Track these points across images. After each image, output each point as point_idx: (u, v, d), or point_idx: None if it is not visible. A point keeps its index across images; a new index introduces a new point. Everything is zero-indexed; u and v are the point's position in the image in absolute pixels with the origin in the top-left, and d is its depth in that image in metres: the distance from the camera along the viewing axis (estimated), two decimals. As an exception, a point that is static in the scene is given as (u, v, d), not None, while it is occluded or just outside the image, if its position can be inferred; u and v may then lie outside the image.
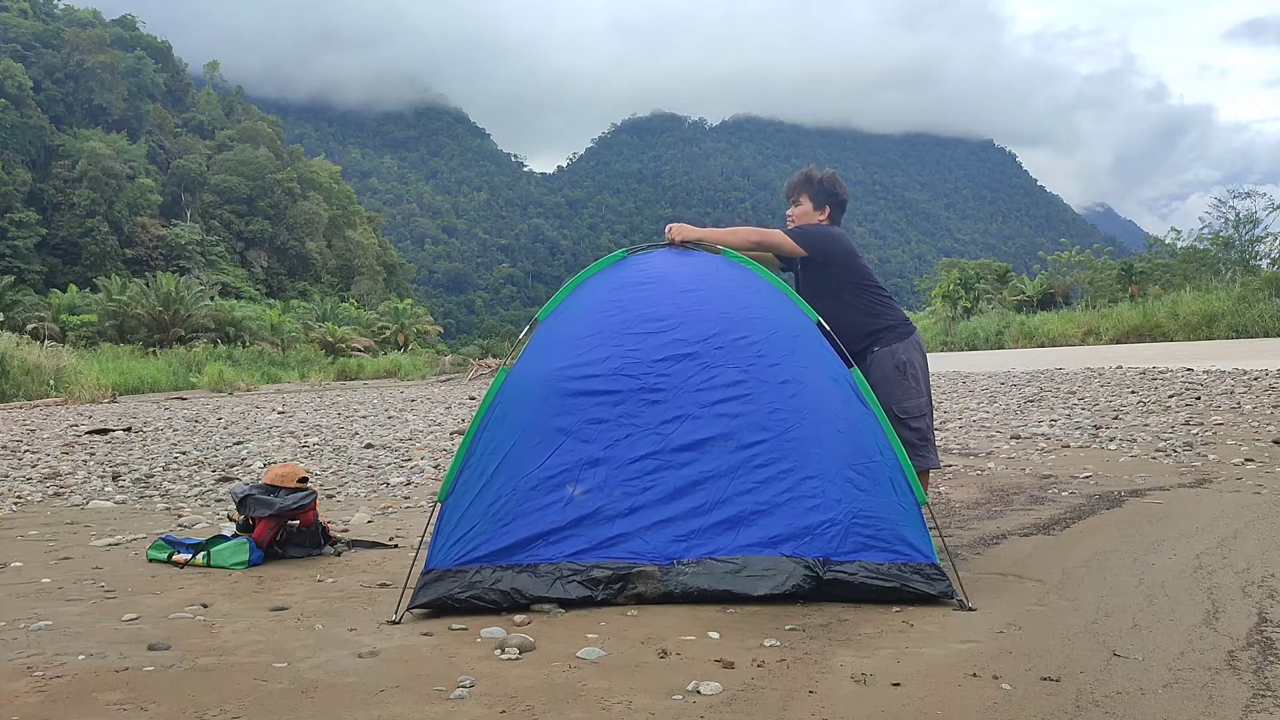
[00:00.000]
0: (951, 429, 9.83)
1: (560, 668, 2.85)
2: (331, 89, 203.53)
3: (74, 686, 2.71)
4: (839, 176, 4.45)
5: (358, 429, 12.61)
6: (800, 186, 4.42)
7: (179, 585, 4.08)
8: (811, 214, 4.38)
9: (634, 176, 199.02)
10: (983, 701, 2.52)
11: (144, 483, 7.89)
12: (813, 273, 4.32)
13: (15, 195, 55.89)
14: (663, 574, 3.51)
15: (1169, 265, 40.06)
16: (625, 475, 3.63)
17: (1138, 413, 10.20)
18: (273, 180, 70.21)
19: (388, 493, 7.02)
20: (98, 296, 45.86)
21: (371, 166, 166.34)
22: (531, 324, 4.00)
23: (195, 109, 79.18)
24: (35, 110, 61.56)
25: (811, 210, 4.38)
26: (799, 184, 4.43)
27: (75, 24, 70.49)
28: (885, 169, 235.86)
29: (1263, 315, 30.33)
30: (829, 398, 3.73)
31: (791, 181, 4.47)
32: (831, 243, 4.29)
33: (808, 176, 4.42)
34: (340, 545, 4.80)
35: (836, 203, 4.41)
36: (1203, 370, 15.05)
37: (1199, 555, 4.10)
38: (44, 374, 24.11)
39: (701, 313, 3.93)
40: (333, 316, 56.91)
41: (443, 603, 3.45)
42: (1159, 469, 6.70)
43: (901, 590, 3.46)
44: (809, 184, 4.41)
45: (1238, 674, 2.67)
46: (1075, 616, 3.27)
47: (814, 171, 4.42)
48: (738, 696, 2.60)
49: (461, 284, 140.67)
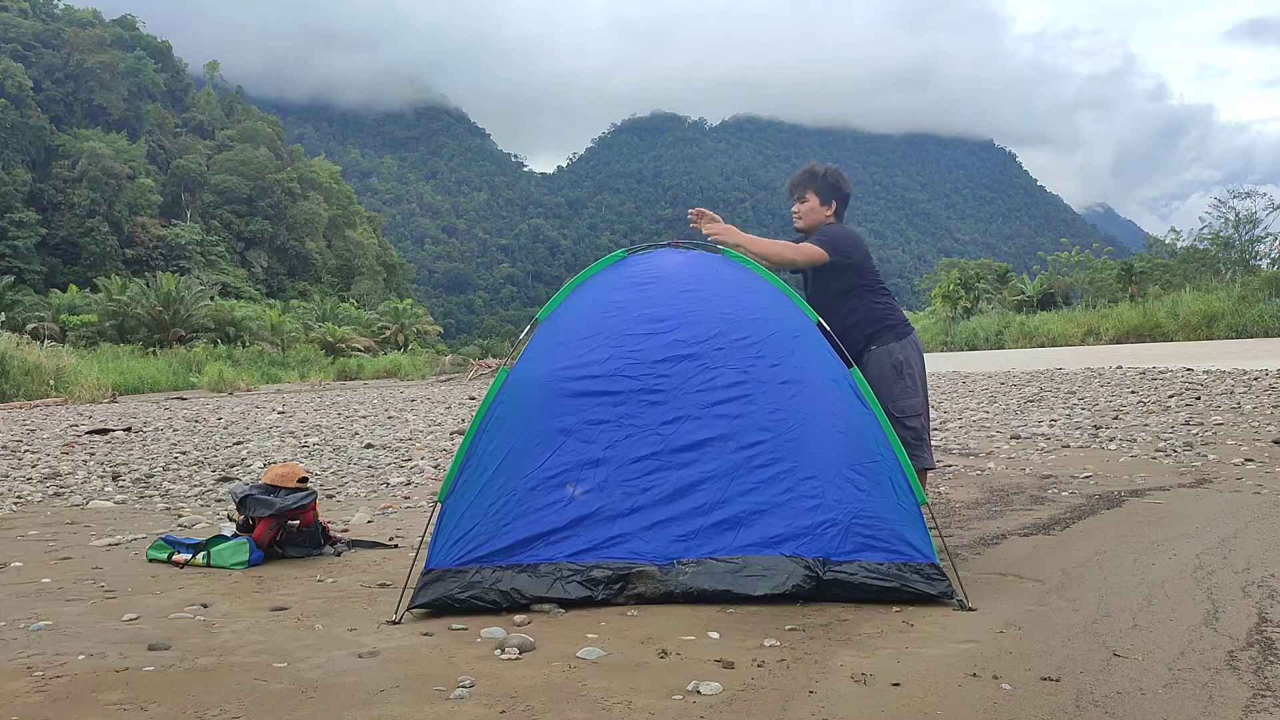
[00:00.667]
0: (951, 429, 9.83)
1: (560, 668, 2.85)
2: (331, 89, 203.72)
3: (74, 686, 2.71)
4: (842, 171, 4.40)
5: (358, 429, 12.61)
6: (805, 183, 4.35)
7: (179, 585, 4.08)
8: (818, 210, 4.31)
9: (634, 176, 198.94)
10: (983, 701, 2.52)
11: (144, 483, 7.89)
12: (826, 274, 4.27)
13: (15, 195, 55.91)
14: (663, 574, 3.51)
15: (1169, 265, 40.07)
16: (625, 476, 3.63)
17: (1138, 413, 10.20)
18: (273, 180, 70.22)
19: (388, 493, 7.02)
20: (98, 296, 45.84)
21: (371, 166, 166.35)
22: (532, 324, 4.00)
23: (195, 109, 79.16)
24: (35, 110, 61.57)
25: (818, 206, 4.31)
26: (803, 180, 4.37)
27: (75, 24, 70.49)
28: (885, 169, 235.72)
29: (1263, 315, 30.33)
30: (829, 398, 3.73)
31: (794, 179, 4.41)
32: (853, 246, 4.26)
33: (811, 172, 4.35)
34: (340, 545, 4.80)
35: (841, 197, 4.36)
36: (1203, 370, 15.05)
37: (1199, 555, 4.11)
38: (44, 374, 24.12)
39: (701, 313, 3.93)
40: (333, 316, 56.89)
41: (443, 603, 3.45)
42: (1159, 469, 6.70)
43: (901, 590, 3.46)
44: (814, 180, 4.34)
45: (1238, 674, 2.67)
46: (1075, 616, 3.27)
47: (817, 167, 4.36)
48: (738, 696, 2.60)
49: (461, 284, 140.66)
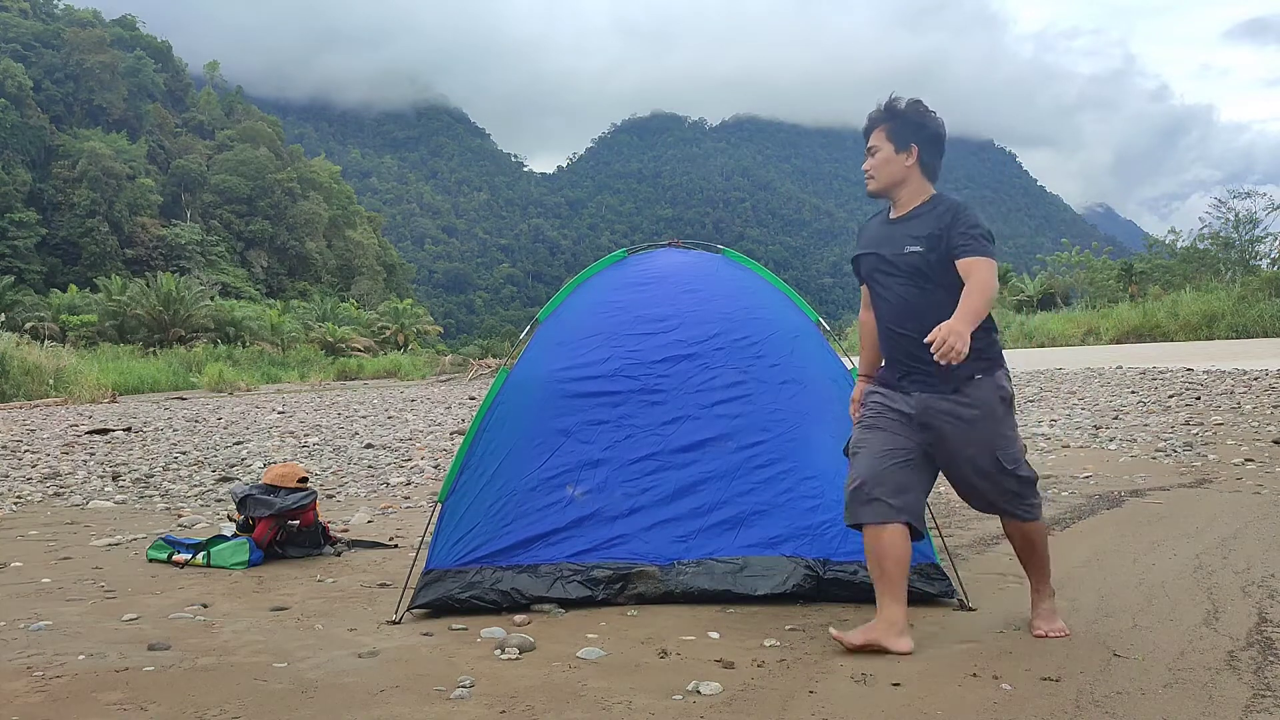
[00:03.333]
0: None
1: (560, 668, 2.85)
2: (332, 89, 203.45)
3: (74, 686, 2.71)
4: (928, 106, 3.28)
5: (358, 429, 12.61)
6: (877, 123, 3.28)
7: (179, 585, 4.08)
8: (894, 159, 3.20)
9: (634, 176, 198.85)
10: (983, 701, 2.52)
11: (144, 483, 7.89)
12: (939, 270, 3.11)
13: (15, 195, 55.85)
14: (663, 574, 3.51)
15: (1169, 265, 40.11)
16: (625, 476, 3.64)
17: (1138, 413, 10.21)
18: (273, 180, 70.15)
19: (388, 493, 7.02)
20: (98, 296, 45.81)
21: (371, 166, 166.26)
22: (532, 324, 4.01)
23: (195, 109, 79.10)
24: (35, 110, 61.52)
25: (894, 154, 3.20)
26: (877, 120, 3.29)
27: (75, 24, 70.42)
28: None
29: (1263, 315, 30.35)
30: (829, 398, 3.73)
31: (870, 120, 3.33)
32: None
33: (889, 108, 3.27)
34: (340, 545, 4.80)
35: (926, 138, 3.21)
36: (1203, 370, 15.05)
37: (1199, 555, 4.11)
38: (44, 374, 24.11)
39: (701, 313, 3.93)
40: (333, 316, 56.83)
41: (443, 603, 3.45)
42: (1159, 469, 6.70)
43: (901, 590, 3.45)
44: (891, 118, 3.25)
45: (1238, 674, 2.67)
46: (1075, 616, 3.27)
47: (896, 102, 3.28)
48: (738, 696, 2.60)
49: (461, 284, 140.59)
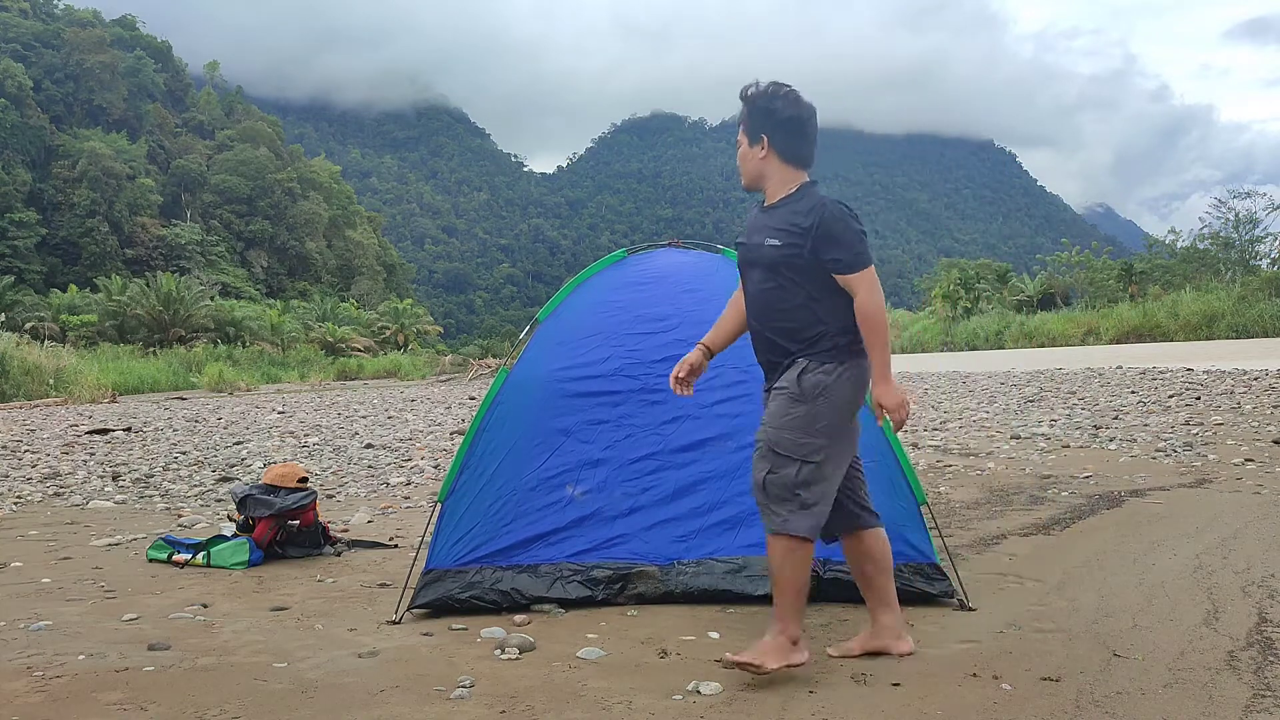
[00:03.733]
0: (951, 429, 9.83)
1: (560, 668, 2.85)
2: (332, 89, 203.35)
3: (74, 686, 2.71)
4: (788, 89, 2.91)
5: (358, 429, 12.61)
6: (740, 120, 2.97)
7: (179, 585, 4.08)
8: (749, 154, 2.92)
9: (634, 176, 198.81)
10: (983, 701, 2.52)
11: (144, 483, 7.89)
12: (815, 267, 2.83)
13: (15, 195, 55.85)
14: (663, 574, 3.51)
15: (1169, 265, 40.10)
16: (625, 476, 3.64)
17: (1138, 413, 10.21)
18: (273, 180, 70.14)
19: (388, 493, 7.02)
20: (98, 296, 45.81)
21: (371, 166, 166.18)
22: (532, 324, 4.01)
23: (195, 109, 79.09)
24: (35, 110, 61.52)
25: (748, 148, 2.93)
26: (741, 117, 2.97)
27: (75, 24, 70.42)
28: (886, 169, 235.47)
29: (1263, 315, 30.37)
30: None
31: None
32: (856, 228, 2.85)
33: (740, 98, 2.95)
34: (340, 545, 4.80)
35: (777, 125, 2.88)
36: (1203, 370, 15.06)
37: (1199, 555, 4.11)
38: (44, 374, 24.11)
39: (701, 313, 3.92)
40: (333, 316, 56.82)
41: (443, 603, 3.45)
42: (1159, 469, 6.70)
43: (901, 590, 3.44)
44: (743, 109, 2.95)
45: (1238, 674, 2.67)
46: (1075, 616, 3.27)
47: (745, 90, 2.94)
48: (738, 696, 2.60)
49: (461, 284, 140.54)
